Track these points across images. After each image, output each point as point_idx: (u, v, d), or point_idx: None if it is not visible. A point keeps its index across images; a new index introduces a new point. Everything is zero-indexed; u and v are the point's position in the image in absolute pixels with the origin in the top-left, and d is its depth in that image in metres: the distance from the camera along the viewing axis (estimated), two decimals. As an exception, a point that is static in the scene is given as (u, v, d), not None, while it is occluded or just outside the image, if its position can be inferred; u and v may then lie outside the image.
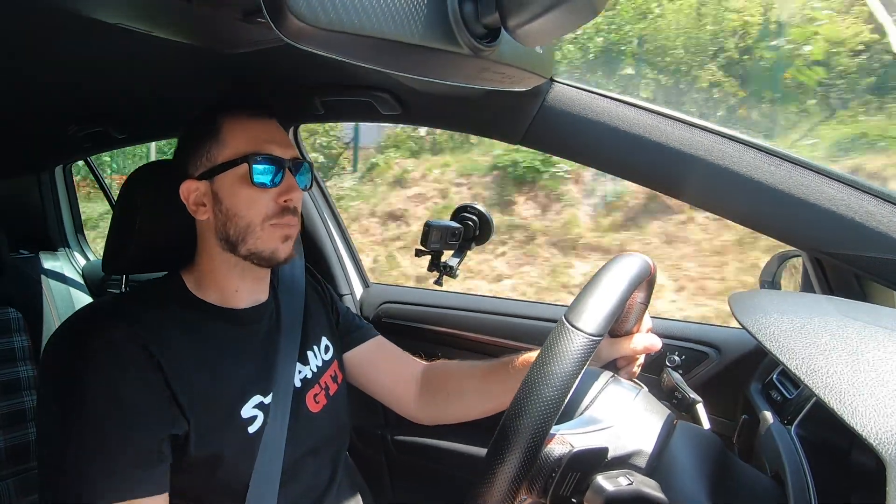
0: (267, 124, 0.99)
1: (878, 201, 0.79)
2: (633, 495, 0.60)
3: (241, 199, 0.94)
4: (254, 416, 0.94)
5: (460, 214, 1.45)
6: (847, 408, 0.44)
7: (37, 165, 2.17)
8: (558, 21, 0.57)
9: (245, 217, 0.94)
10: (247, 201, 0.94)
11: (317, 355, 1.10)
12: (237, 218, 0.94)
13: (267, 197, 0.94)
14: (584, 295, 0.64)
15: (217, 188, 0.95)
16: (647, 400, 0.70)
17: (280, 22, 0.50)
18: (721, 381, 1.16)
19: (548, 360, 0.59)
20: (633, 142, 0.91)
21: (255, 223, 0.94)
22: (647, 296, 0.87)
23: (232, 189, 0.94)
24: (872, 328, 0.55)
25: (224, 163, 0.94)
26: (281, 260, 0.97)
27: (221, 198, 0.95)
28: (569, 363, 0.58)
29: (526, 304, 1.56)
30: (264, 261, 0.97)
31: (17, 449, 1.58)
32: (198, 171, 0.97)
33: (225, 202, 0.95)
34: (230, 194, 0.94)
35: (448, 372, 1.17)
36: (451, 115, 1.17)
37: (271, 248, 0.95)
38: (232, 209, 0.94)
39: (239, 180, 0.94)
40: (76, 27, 0.81)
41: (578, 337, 0.60)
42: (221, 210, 0.95)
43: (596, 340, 0.60)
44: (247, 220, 0.94)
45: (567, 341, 0.59)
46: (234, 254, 0.96)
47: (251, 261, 0.96)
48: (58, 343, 0.92)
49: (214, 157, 0.95)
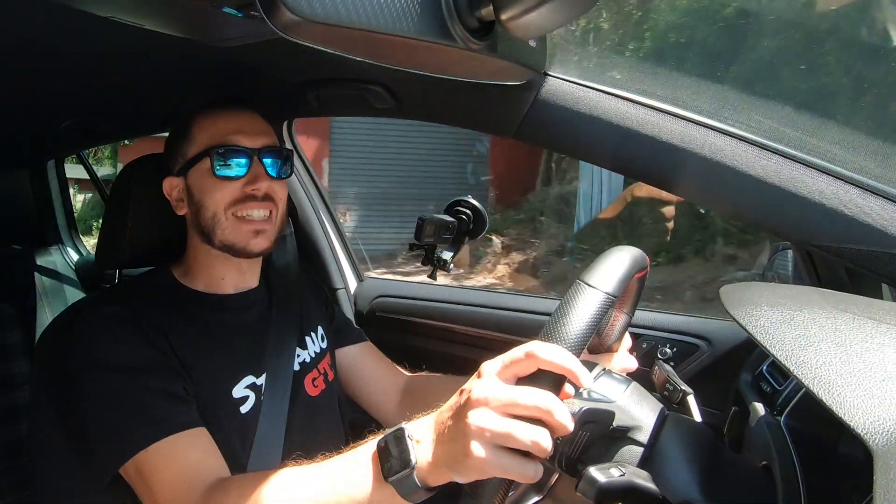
0: (236, 115, 0.99)
1: (866, 194, 0.79)
2: (626, 486, 0.61)
3: (206, 190, 0.96)
4: (245, 396, 0.95)
5: (454, 208, 1.45)
6: (835, 399, 0.45)
7: (29, 160, 2.15)
8: (552, 14, 0.57)
9: (210, 208, 0.95)
10: (210, 191, 0.95)
11: (314, 341, 1.11)
12: (204, 209, 0.96)
13: (232, 187, 0.95)
14: (596, 262, 0.66)
15: (190, 182, 0.98)
16: (638, 391, 0.71)
17: (273, 15, 0.50)
18: (712, 373, 1.17)
19: (564, 313, 0.60)
20: (626, 136, 0.91)
21: (220, 212, 0.95)
22: (633, 305, 0.88)
23: (200, 182, 0.96)
24: (861, 320, 0.56)
25: (191, 158, 0.97)
26: (255, 253, 0.98)
27: (193, 191, 0.97)
28: (585, 315, 0.60)
29: (519, 298, 1.56)
30: (239, 253, 0.98)
31: (10, 444, 1.58)
32: (175, 167, 0.99)
33: (196, 195, 0.97)
34: (199, 188, 0.96)
35: (430, 385, 1.17)
36: (444, 109, 1.16)
37: (242, 241, 0.96)
38: (200, 200, 0.96)
39: (205, 174, 0.95)
40: (69, 21, 0.80)
41: (594, 293, 0.61)
42: (193, 203, 0.97)
43: (611, 298, 0.62)
44: (212, 210, 0.95)
45: (583, 296, 0.61)
46: (211, 245, 0.98)
47: (228, 252, 0.97)
48: (55, 333, 0.94)
49: (186, 152, 0.98)
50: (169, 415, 0.83)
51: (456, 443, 0.58)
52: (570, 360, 0.57)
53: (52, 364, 0.95)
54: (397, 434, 0.63)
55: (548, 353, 0.57)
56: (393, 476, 0.61)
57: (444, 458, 0.59)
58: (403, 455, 0.61)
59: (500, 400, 0.56)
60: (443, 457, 0.59)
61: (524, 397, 0.56)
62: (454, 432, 0.58)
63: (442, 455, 0.59)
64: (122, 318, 0.89)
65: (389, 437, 0.63)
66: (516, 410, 0.56)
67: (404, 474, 0.60)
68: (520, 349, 0.59)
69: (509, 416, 0.56)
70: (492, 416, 0.56)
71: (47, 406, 0.96)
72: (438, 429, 0.61)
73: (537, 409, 0.56)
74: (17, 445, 1.59)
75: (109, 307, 0.90)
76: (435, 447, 0.60)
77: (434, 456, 0.60)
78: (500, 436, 0.55)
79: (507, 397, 0.56)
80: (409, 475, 0.60)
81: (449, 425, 0.60)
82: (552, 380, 0.58)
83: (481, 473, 0.57)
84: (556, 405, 0.56)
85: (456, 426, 0.58)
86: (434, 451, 0.60)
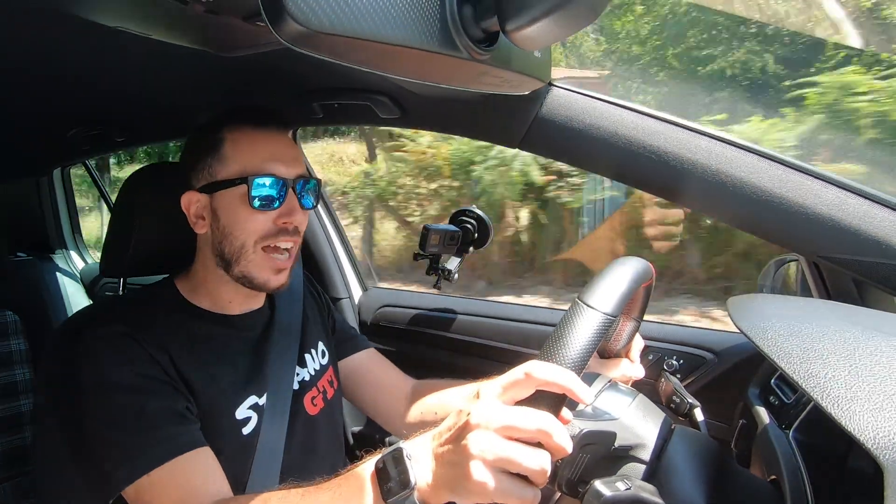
0: (273, 138, 0.95)
1: (876, 206, 0.79)
2: (631, 500, 0.60)
3: (238, 219, 0.92)
4: (248, 418, 0.94)
5: (458, 218, 1.45)
6: (845, 413, 0.44)
7: (36, 169, 2.17)
8: (557, 25, 0.57)
9: (239, 238, 0.92)
10: (243, 222, 0.92)
11: (314, 359, 1.10)
12: (232, 237, 0.92)
13: (265, 218, 0.92)
14: (596, 280, 0.65)
15: (216, 204, 0.93)
16: (644, 404, 0.70)
17: (279, 25, 0.50)
18: (719, 385, 1.16)
19: (563, 333, 0.60)
20: (632, 146, 0.91)
21: (249, 244, 0.92)
22: (641, 311, 0.87)
23: (230, 208, 0.92)
24: (870, 333, 0.55)
25: (224, 180, 0.92)
26: (272, 289, 0.96)
27: (220, 215, 0.93)
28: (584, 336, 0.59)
29: (524, 309, 1.55)
30: (255, 287, 0.96)
31: (13, 453, 1.58)
32: (199, 183, 0.95)
33: (222, 219, 0.93)
34: (228, 213, 0.92)
35: (436, 391, 1.16)
36: (449, 119, 1.17)
37: (263, 277, 0.94)
38: (228, 227, 0.93)
39: (238, 200, 0.91)
40: (76, 30, 0.81)
41: (593, 313, 0.61)
42: (219, 227, 0.93)
43: (609, 318, 0.61)
44: (241, 241, 0.92)
45: (582, 317, 0.60)
46: (227, 273, 0.95)
47: (242, 283, 0.96)
48: (59, 343, 0.94)
49: (215, 171, 0.93)
50: (173, 435, 0.82)
51: (456, 466, 0.57)
52: (569, 378, 0.57)
53: (55, 376, 0.94)
54: (395, 455, 0.62)
55: (546, 372, 0.57)
56: (392, 497, 0.60)
57: (444, 480, 0.58)
58: (402, 476, 0.60)
59: (499, 423, 0.56)
60: (443, 479, 0.59)
61: (523, 420, 0.56)
62: (454, 455, 0.58)
63: (442, 477, 0.59)
64: (127, 335, 0.87)
65: (388, 458, 0.62)
66: (515, 433, 0.56)
67: (404, 495, 0.60)
68: (518, 370, 0.58)
69: (509, 439, 0.56)
70: (491, 439, 0.56)
71: (51, 417, 0.96)
72: (437, 450, 0.60)
73: (536, 432, 0.55)
74: (21, 454, 1.59)
75: (115, 324, 0.89)
76: (434, 468, 0.60)
77: (434, 477, 0.60)
78: (500, 460, 0.55)
79: (506, 420, 0.56)
80: (409, 496, 0.59)
81: (449, 448, 0.59)
82: (551, 400, 0.57)
83: (482, 497, 0.56)
84: (555, 427, 0.56)
85: (455, 449, 0.58)
86: (434, 472, 0.60)
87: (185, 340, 0.92)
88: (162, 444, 0.81)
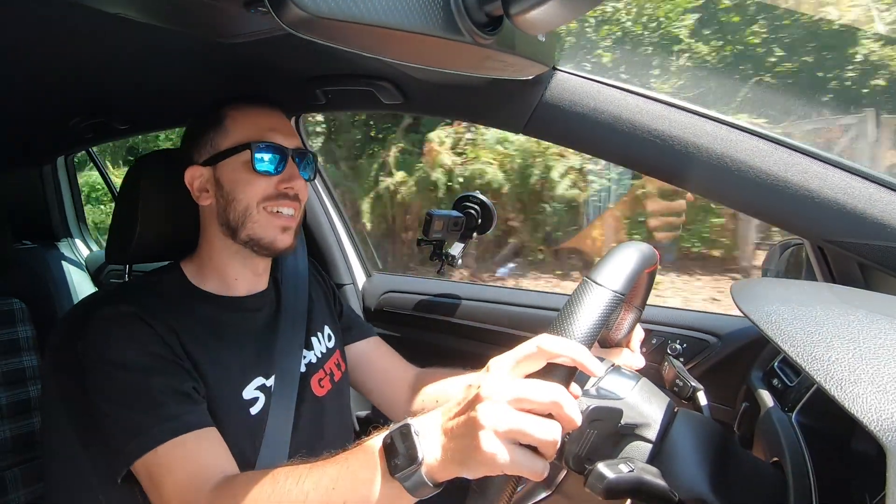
0: (270, 113, 1.00)
1: (881, 189, 0.79)
2: (634, 482, 0.61)
3: (241, 183, 0.95)
4: (255, 398, 0.95)
5: (462, 203, 1.45)
6: (848, 395, 0.44)
7: (39, 157, 2.17)
8: (561, 8, 0.57)
9: (243, 201, 0.95)
10: (246, 184, 0.95)
11: (321, 341, 1.12)
12: (236, 202, 0.96)
13: (267, 183, 0.96)
14: (604, 259, 0.66)
15: (220, 174, 0.97)
16: (648, 387, 0.70)
17: (281, 11, 0.50)
18: (722, 368, 1.17)
19: (573, 310, 0.60)
20: (636, 130, 0.90)
21: (252, 206, 0.95)
22: (642, 300, 0.88)
23: (234, 174, 0.96)
24: (874, 316, 0.55)
25: (227, 149, 0.96)
26: (280, 249, 0.99)
27: (223, 183, 0.97)
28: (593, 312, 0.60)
29: (527, 294, 1.56)
30: (263, 249, 0.98)
31: (22, 439, 1.59)
32: (202, 157, 0.99)
33: (226, 187, 0.97)
34: (231, 179, 0.96)
35: (439, 380, 1.17)
36: (452, 104, 1.16)
37: (270, 236, 0.97)
38: (232, 193, 0.96)
39: (241, 166, 0.95)
40: (76, 17, 0.80)
41: (602, 290, 0.62)
42: (223, 195, 0.97)
43: (619, 296, 0.62)
44: (244, 203, 0.95)
45: (591, 294, 0.61)
46: (234, 240, 0.98)
47: (251, 248, 0.98)
48: (67, 326, 0.95)
49: (218, 144, 0.97)
50: (179, 413, 0.84)
51: (466, 438, 0.57)
52: (581, 351, 0.57)
53: (63, 360, 0.95)
54: (403, 430, 0.62)
55: (557, 345, 0.57)
56: (400, 472, 0.61)
57: (454, 453, 0.59)
58: (410, 451, 0.61)
59: (509, 394, 0.56)
60: (452, 452, 0.59)
61: (534, 391, 0.56)
62: (464, 427, 0.58)
63: (451, 450, 0.59)
64: (135, 316, 0.89)
65: (395, 434, 0.63)
66: (526, 405, 0.56)
67: (411, 470, 0.60)
68: (529, 343, 0.59)
69: (519, 411, 0.56)
70: (502, 410, 0.56)
71: (59, 401, 0.97)
72: (447, 424, 0.61)
73: (549, 403, 0.56)
74: (30, 439, 1.61)
75: (122, 305, 0.90)
76: (443, 442, 0.60)
77: (443, 451, 0.60)
78: (512, 431, 0.55)
79: (517, 392, 0.56)
80: (417, 471, 0.60)
81: (458, 421, 0.59)
82: (562, 373, 0.58)
83: (491, 469, 0.56)
84: (566, 398, 0.56)
85: (466, 421, 0.58)
86: (443, 446, 0.60)
87: (192, 323, 0.94)
88: (169, 420, 0.83)
